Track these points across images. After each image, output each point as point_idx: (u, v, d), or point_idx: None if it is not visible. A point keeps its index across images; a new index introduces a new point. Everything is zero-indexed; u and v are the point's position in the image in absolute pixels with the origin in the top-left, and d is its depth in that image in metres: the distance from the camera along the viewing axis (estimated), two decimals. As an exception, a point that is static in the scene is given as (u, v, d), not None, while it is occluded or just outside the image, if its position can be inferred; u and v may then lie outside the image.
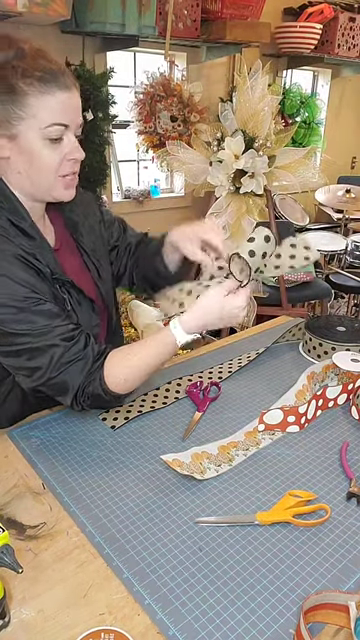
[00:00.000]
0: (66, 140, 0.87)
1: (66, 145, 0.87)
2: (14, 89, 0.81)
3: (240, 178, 2.20)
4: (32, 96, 0.82)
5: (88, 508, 0.82)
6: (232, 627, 0.64)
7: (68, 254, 1.04)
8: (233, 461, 0.92)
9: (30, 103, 0.82)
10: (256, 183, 2.18)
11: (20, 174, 0.89)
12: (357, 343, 1.24)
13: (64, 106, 0.85)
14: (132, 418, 1.03)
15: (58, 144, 0.86)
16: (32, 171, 0.88)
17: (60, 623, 0.64)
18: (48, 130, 0.84)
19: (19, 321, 0.85)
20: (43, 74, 0.82)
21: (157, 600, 0.67)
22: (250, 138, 2.15)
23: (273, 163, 2.19)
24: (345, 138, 4.54)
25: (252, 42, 3.06)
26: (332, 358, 1.14)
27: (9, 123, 0.83)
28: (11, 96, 0.82)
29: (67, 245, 1.05)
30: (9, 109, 0.82)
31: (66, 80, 0.85)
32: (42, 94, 0.82)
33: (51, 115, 0.83)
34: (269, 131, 2.16)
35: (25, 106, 0.82)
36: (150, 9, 2.52)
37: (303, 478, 0.89)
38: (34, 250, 0.90)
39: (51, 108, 0.83)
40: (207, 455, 0.92)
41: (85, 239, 1.07)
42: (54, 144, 0.86)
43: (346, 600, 0.63)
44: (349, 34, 3.64)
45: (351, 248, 3.44)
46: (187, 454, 0.91)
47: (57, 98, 0.83)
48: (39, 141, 0.85)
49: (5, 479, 0.88)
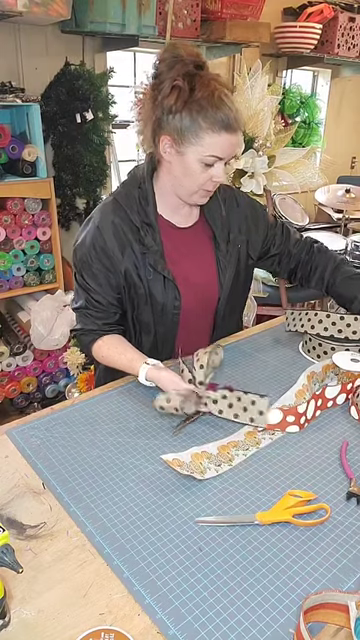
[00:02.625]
0: (217, 166, 1.07)
1: (215, 170, 1.07)
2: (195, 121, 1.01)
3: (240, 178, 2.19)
4: (206, 133, 1.02)
5: (88, 508, 0.82)
6: (232, 627, 0.64)
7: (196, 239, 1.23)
8: (233, 461, 0.92)
9: (202, 137, 1.03)
10: (256, 183, 2.18)
11: (173, 176, 1.11)
12: (357, 344, 1.24)
13: (226, 146, 1.05)
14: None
15: (210, 167, 1.07)
16: (184, 179, 1.10)
17: (60, 623, 0.64)
18: (207, 158, 1.05)
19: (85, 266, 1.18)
20: (221, 120, 1.02)
21: (157, 600, 0.67)
22: (250, 138, 2.15)
23: (273, 163, 2.19)
24: (345, 138, 4.54)
25: (252, 42, 3.06)
26: (332, 358, 1.15)
27: (181, 143, 1.05)
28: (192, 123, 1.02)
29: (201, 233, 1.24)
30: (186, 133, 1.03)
31: (235, 125, 1.04)
32: (214, 134, 1.02)
33: (213, 150, 1.04)
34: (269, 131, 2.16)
35: (198, 137, 1.03)
36: (150, 9, 2.52)
37: (303, 478, 0.89)
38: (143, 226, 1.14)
39: (215, 145, 1.04)
40: (207, 455, 0.92)
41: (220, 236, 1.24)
42: (207, 167, 1.07)
43: (346, 600, 0.63)
44: (349, 34, 3.64)
45: (351, 248, 3.44)
46: (187, 454, 0.91)
47: (223, 138, 1.03)
48: (197, 163, 1.06)
49: (5, 479, 0.88)
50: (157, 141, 1.09)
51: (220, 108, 1.01)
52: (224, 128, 1.02)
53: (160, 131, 1.07)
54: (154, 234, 1.15)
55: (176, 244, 1.20)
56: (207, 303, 1.26)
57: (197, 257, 1.23)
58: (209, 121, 1.01)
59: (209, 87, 1.01)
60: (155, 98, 1.05)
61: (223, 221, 1.25)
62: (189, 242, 1.22)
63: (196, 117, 1.01)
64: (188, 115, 1.02)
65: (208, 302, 1.26)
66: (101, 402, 1.11)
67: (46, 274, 2.53)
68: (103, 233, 1.15)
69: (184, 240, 1.21)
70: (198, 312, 1.25)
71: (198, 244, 1.24)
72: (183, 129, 1.03)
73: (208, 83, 1.02)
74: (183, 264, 1.20)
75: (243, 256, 1.30)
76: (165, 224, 1.19)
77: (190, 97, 1.01)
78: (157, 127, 1.07)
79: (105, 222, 1.15)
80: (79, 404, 1.10)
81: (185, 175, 1.09)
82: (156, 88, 1.05)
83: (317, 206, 4.15)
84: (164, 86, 1.03)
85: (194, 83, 1.01)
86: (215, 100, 1.01)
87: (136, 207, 1.14)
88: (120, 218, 1.14)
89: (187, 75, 1.01)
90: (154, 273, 1.16)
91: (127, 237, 1.14)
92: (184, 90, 1.01)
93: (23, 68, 2.48)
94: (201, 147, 1.04)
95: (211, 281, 1.24)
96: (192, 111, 1.01)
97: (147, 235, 1.14)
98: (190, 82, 1.01)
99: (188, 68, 1.01)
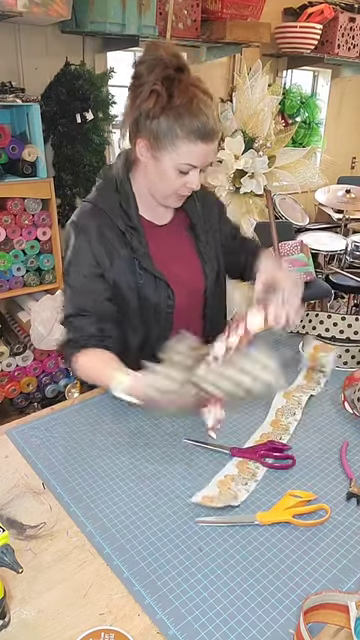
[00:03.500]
0: (192, 174, 1.06)
1: (190, 177, 1.06)
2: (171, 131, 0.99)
3: (240, 178, 2.19)
4: (183, 142, 1.00)
5: (88, 508, 0.82)
6: (232, 627, 0.64)
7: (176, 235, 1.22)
8: (257, 475, 0.90)
9: (179, 145, 1.01)
10: (256, 183, 2.18)
11: (148, 178, 1.10)
12: (358, 344, 1.24)
13: (202, 155, 1.03)
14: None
15: (185, 174, 1.05)
16: (158, 183, 1.08)
17: (60, 623, 0.64)
18: (182, 166, 1.03)
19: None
20: (198, 129, 0.99)
21: (157, 600, 0.67)
22: (250, 138, 2.15)
23: (273, 163, 2.19)
24: (345, 138, 4.53)
25: (252, 42, 3.06)
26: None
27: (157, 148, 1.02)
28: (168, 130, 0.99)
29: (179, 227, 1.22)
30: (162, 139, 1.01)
31: (211, 134, 1.02)
32: (190, 143, 1.00)
33: (189, 158, 1.02)
34: (269, 131, 2.16)
35: (174, 145, 1.01)
36: (150, 9, 2.52)
37: (303, 478, 0.89)
38: (128, 229, 1.11)
39: (191, 153, 1.02)
40: (231, 477, 0.89)
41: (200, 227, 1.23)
42: (182, 174, 1.05)
43: (346, 600, 0.64)
44: (349, 34, 3.64)
45: (351, 248, 3.44)
46: (212, 485, 0.87)
47: (199, 148, 1.01)
48: (172, 169, 1.04)
49: (5, 479, 0.88)
50: (134, 142, 1.07)
51: (197, 116, 0.99)
52: (200, 137, 1.00)
53: (137, 133, 1.05)
54: (139, 237, 1.13)
55: (159, 243, 1.18)
56: (196, 296, 1.25)
57: (180, 252, 1.22)
58: (186, 130, 0.99)
59: (188, 94, 0.99)
60: (134, 100, 1.03)
61: (199, 212, 1.24)
62: (170, 238, 1.21)
63: (173, 124, 0.99)
64: (165, 122, 1.00)
65: (197, 295, 1.25)
66: (101, 402, 1.11)
67: (46, 274, 2.53)
68: (89, 241, 1.10)
69: (166, 237, 1.20)
70: (189, 306, 1.23)
71: (179, 239, 1.23)
72: (159, 135, 1.01)
73: (187, 89, 0.99)
74: (169, 261, 1.18)
75: (219, 244, 1.29)
76: (147, 224, 1.17)
77: (168, 103, 0.99)
78: (134, 128, 1.05)
79: (90, 229, 1.11)
80: (79, 404, 1.10)
81: (160, 180, 1.08)
82: (135, 90, 1.03)
83: (317, 206, 4.15)
84: (143, 89, 1.00)
85: (173, 89, 0.99)
86: (193, 108, 0.99)
87: (118, 211, 1.12)
88: (104, 225, 1.11)
89: (167, 79, 0.99)
90: (145, 275, 1.13)
91: (113, 245, 1.11)
92: (162, 96, 0.98)
93: (23, 68, 2.48)
94: (177, 155, 1.02)
95: (197, 273, 1.23)
96: (169, 118, 0.99)
97: (133, 238, 1.12)
98: (169, 87, 0.99)
99: (168, 72, 0.99)
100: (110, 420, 1.04)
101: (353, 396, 1.09)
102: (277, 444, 0.96)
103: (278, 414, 1.06)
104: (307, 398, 1.11)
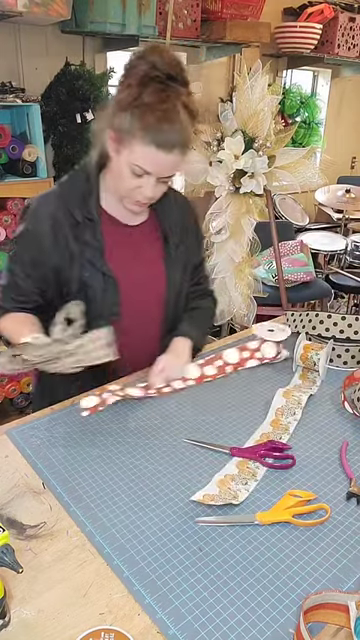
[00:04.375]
0: (145, 180, 1.01)
1: (143, 182, 1.02)
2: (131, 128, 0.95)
3: (240, 178, 2.19)
4: (138, 142, 0.96)
5: (88, 508, 0.82)
6: (232, 627, 0.64)
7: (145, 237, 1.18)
8: (257, 475, 0.90)
9: (134, 144, 0.97)
10: (256, 183, 2.18)
11: (113, 173, 1.06)
12: (358, 344, 1.24)
13: (156, 162, 0.98)
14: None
15: (139, 178, 1.01)
16: (116, 180, 1.05)
17: (60, 623, 0.64)
18: (134, 167, 0.99)
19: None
20: (155, 134, 0.95)
21: (157, 600, 0.67)
22: (250, 138, 2.15)
23: (273, 163, 2.19)
24: (345, 138, 4.53)
25: (252, 42, 3.06)
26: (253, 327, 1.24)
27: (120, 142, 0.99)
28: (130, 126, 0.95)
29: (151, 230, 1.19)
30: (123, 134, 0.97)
31: (171, 146, 0.97)
32: (145, 146, 0.96)
33: (142, 161, 0.98)
34: (269, 131, 2.16)
35: (130, 143, 0.97)
36: (150, 9, 2.52)
37: (303, 478, 0.89)
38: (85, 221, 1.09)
39: (145, 157, 0.98)
40: (231, 477, 0.89)
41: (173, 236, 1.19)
42: (135, 176, 1.01)
43: (346, 600, 0.64)
44: (349, 34, 3.64)
45: (351, 248, 3.44)
46: (213, 485, 0.87)
47: (153, 154, 0.97)
48: (126, 167, 1.00)
49: (5, 479, 0.88)
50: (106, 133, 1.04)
51: (160, 122, 0.94)
52: (156, 143, 0.95)
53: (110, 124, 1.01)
54: (94, 230, 1.10)
55: (122, 241, 1.15)
56: (154, 303, 1.20)
57: (143, 256, 1.18)
58: (144, 131, 0.94)
59: (161, 98, 0.94)
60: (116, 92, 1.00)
61: (176, 223, 1.20)
62: (135, 240, 1.17)
63: (134, 122, 0.95)
64: (129, 117, 0.95)
65: (155, 302, 1.20)
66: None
67: (46, 274, 2.53)
68: (40, 224, 1.09)
69: (130, 238, 1.16)
70: (144, 312, 1.19)
71: (145, 243, 1.18)
72: (122, 129, 0.97)
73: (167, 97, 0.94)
74: (129, 262, 1.15)
75: (189, 263, 1.25)
76: (110, 221, 1.13)
77: (136, 100, 0.94)
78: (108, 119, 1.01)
79: (44, 214, 1.10)
80: (79, 404, 1.10)
81: (117, 177, 1.04)
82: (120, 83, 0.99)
83: (317, 206, 4.15)
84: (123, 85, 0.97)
85: (147, 88, 0.94)
86: (160, 113, 0.94)
87: (79, 201, 1.09)
88: (61, 211, 1.09)
89: (146, 77, 0.94)
90: (91, 270, 1.10)
91: (63, 232, 1.09)
92: (133, 90, 0.94)
93: (23, 68, 2.48)
94: (131, 153, 0.98)
95: (158, 280, 1.19)
96: (134, 114, 0.95)
97: (87, 230, 1.09)
98: (144, 85, 0.94)
99: (153, 72, 0.94)
100: (110, 420, 1.04)
101: (353, 396, 1.09)
102: (277, 444, 0.96)
103: (278, 414, 1.06)
104: (307, 398, 1.11)
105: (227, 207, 2.27)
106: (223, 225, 2.28)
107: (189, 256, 1.24)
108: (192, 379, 1.05)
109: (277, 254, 2.52)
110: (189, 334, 1.18)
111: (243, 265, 2.33)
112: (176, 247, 1.20)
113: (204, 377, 1.05)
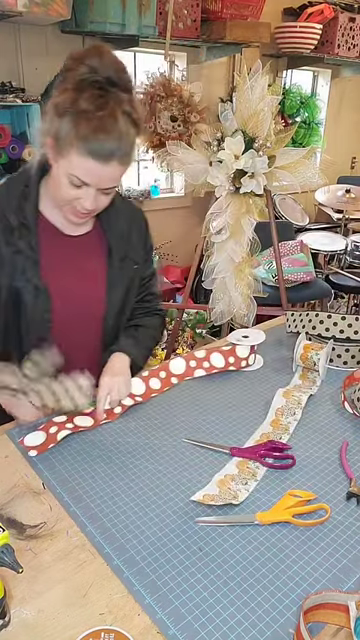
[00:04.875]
0: (84, 191, 0.96)
1: (82, 193, 0.96)
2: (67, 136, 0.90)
3: (240, 178, 2.19)
4: (74, 152, 0.90)
5: (88, 508, 0.82)
6: (232, 627, 0.64)
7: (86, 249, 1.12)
8: (257, 475, 0.90)
9: (71, 153, 0.91)
10: (256, 183, 2.18)
11: (53, 181, 1.00)
12: (358, 344, 1.24)
13: (93, 173, 0.93)
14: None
15: (78, 188, 0.95)
16: (55, 188, 0.99)
17: (60, 623, 0.64)
18: (72, 177, 0.94)
19: None
20: (90, 144, 0.89)
21: (157, 600, 0.67)
22: (250, 138, 2.15)
23: (273, 163, 2.19)
24: (345, 138, 4.54)
25: (252, 42, 3.06)
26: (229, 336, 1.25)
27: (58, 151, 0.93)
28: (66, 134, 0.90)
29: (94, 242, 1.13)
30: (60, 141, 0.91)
31: (108, 157, 0.91)
32: (81, 156, 0.90)
33: (79, 171, 0.93)
34: (269, 131, 2.15)
35: (68, 152, 0.91)
36: (150, 9, 2.52)
37: (303, 478, 0.89)
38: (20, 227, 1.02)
39: (81, 168, 0.92)
40: (231, 477, 0.89)
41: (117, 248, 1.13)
42: (74, 186, 0.95)
43: (346, 600, 0.63)
44: (349, 34, 3.64)
45: (351, 248, 3.44)
46: (213, 485, 0.87)
47: (90, 165, 0.91)
48: (64, 176, 0.95)
49: (5, 479, 0.88)
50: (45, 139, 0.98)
51: (96, 132, 0.88)
52: (91, 154, 0.89)
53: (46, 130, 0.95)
54: (30, 237, 1.03)
55: (60, 252, 1.08)
56: (91, 319, 1.13)
57: (83, 268, 1.11)
58: (80, 140, 0.89)
59: (97, 102, 0.88)
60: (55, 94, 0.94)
61: (122, 235, 1.14)
62: (76, 251, 1.10)
63: (71, 130, 0.89)
64: (66, 124, 0.89)
65: (92, 318, 1.13)
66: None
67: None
68: None
69: (70, 248, 1.09)
70: (80, 328, 1.12)
71: (87, 255, 1.11)
72: (59, 136, 0.91)
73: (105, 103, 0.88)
74: (66, 274, 1.08)
75: (136, 277, 1.18)
76: (48, 228, 1.07)
77: (72, 106, 0.88)
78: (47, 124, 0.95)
79: None
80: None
81: (57, 185, 0.98)
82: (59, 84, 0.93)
83: (317, 206, 4.15)
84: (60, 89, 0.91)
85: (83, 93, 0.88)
86: (96, 121, 0.88)
87: (15, 207, 1.02)
88: None
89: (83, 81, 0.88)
90: (22, 280, 1.03)
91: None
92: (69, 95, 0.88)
93: (23, 68, 2.49)
94: (69, 163, 0.92)
95: (97, 296, 1.12)
96: (71, 122, 0.89)
97: (22, 238, 1.02)
98: (80, 89, 0.88)
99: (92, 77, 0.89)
100: (110, 420, 1.04)
101: (353, 396, 1.09)
102: (277, 444, 0.96)
103: (278, 414, 1.06)
104: (307, 398, 1.11)
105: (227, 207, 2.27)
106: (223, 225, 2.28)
107: (136, 270, 1.17)
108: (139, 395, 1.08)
109: (277, 254, 2.52)
110: (128, 350, 1.11)
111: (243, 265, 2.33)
112: (120, 260, 1.13)
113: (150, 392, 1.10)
